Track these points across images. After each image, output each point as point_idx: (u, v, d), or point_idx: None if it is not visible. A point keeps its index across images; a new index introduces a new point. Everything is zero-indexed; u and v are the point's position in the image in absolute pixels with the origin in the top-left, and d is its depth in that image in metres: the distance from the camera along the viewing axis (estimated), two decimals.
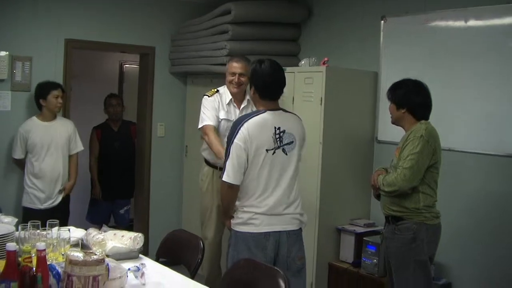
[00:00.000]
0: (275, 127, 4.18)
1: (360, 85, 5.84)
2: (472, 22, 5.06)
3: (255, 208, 4.15)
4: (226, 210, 4.36)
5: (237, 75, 5.28)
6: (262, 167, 4.12)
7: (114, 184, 7.31)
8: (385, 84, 5.72)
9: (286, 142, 4.20)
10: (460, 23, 5.16)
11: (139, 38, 6.98)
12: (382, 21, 5.81)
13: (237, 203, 4.23)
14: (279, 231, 4.21)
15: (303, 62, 5.93)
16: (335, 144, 5.60)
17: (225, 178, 4.12)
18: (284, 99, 5.33)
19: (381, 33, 5.83)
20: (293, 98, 5.75)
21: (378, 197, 4.52)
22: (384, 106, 5.74)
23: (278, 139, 4.15)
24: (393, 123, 4.51)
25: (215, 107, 5.37)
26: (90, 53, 8.10)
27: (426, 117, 4.33)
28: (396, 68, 5.69)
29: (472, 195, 5.04)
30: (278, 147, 4.16)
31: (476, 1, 5.03)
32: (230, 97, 5.40)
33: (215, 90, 5.47)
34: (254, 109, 5.13)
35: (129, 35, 6.89)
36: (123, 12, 6.81)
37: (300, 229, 4.39)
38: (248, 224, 4.17)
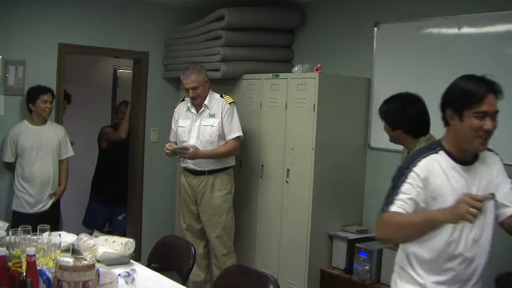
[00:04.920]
0: None
1: (353, 91, 5.84)
2: (465, 29, 5.07)
3: None
4: None
5: (190, 90, 5.54)
6: None
7: (114, 190, 7.35)
8: (378, 90, 5.74)
9: None
10: (453, 30, 5.17)
11: (133, 43, 6.97)
12: (376, 28, 5.82)
13: None
14: None
15: (296, 68, 5.93)
16: (328, 150, 5.60)
17: None
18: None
19: (374, 39, 5.83)
20: (286, 104, 5.75)
21: None
22: (377, 112, 5.76)
23: None
24: (391, 141, 4.36)
25: (175, 118, 5.96)
26: (84, 58, 8.09)
27: (424, 132, 4.13)
28: (389, 74, 5.70)
29: None
30: None
31: (468, 9, 5.03)
32: (188, 104, 5.82)
33: (182, 99, 6.01)
34: (212, 112, 5.67)
35: (123, 40, 6.87)
36: (117, 17, 6.79)
37: None
38: None
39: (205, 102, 5.72)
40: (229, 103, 5.77)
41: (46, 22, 6.30)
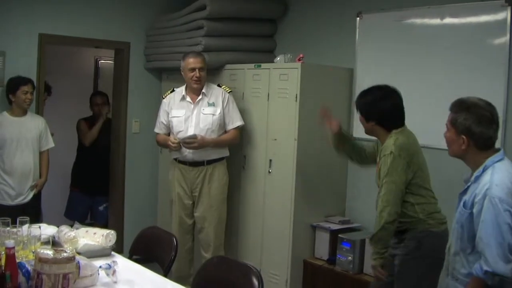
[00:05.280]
0: None
1: (335, 81, 5.83)
2: (447, 20, 5.07)
3: None
4: None
5: (197, 70, 5.47)
6: None
7: (95, 180, 7.31)
8: (361, 80, 5.74)
9: None
10: (435, 21, 5.16)
11: (114, 33, 6.92)
12: (358, 18, 5.80)
13: None
14: None
15: (278, 58, 5.90)
16: (310, 141, 5.58)
17: None
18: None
19: (357, 29, 5.82)
20: (268, 94, 5.73)
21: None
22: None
23: None
24: (366, 133, 4.36)
25: (165, 110, 5.80)
26: (65, 49, 8.02)
27: (398, 125, 4.15)
28: (371, 64, 5.70)
29: (449, 190, 5.05)
30: None
31: None
32: (183, 93, 5.71)
33: (171, 90, 5.90)
34: (211, 101, 5.60)
35: (104, 30, 6.82)
36: (98, 7, 6.74)
37: None
38: None
39: (203, 90, 5.68)
40: (228, 92, 5.78)
41: (26, 12, 6.23)
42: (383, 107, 4.13)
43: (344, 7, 5.98)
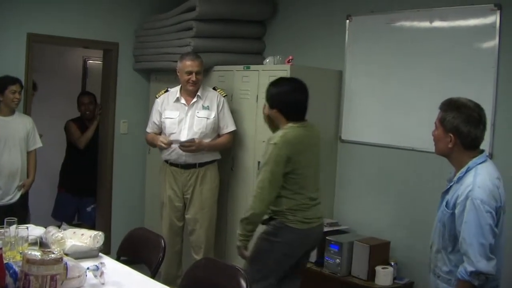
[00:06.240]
0: None
1: (324, 83, 5.83)
2: (436, 23, 5.08)
3: None
4: None
5: (194, 73, 5.42)
6: None
7: (83, 181, 7.29)
8: (350, 83, 5.75)
9: None
10: (425, 24, 5.18)
11: (103, 33, 6.90)
12: (348, 20, 5.81)
13: None
14: None
15: (267, 60, 5.90)
16: None
17: None
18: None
19: (346, 32, 5.83)
20: (257, 96, 5.72)
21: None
22: (349, 105, 5.77)
23: None
24: (265, 120, 4.60)
25: (158, 110, 5.73)
26: (53, 48, 7.99)
27: (296, 119, 4.38)
28: (360, 67, 5.71)
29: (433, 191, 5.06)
30: None
31: (440, 2, 5.05)
32: (178, 95, 5.66)
33: (165, 90, 5.83)
34: (206, 104, 5.58)
35: (93, 30, 6.80)
36: (87, 7, 6.72)
37: None
38: None
39: (198, 93, 5.65)
40: (224, 96, 5.78)
41: (14, 11, 6.20)
42: (288, 98, 4.39)
43: (333, 10, 5.98)
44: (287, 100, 4.38)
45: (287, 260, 4.37)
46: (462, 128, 3.26)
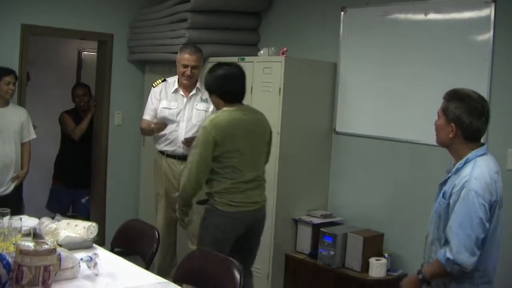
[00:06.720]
0: None
1: (319, 75, 5.83)
2: (431, 15, 5.08)
3: None
4: None
5: (189, 67, 5.37)
6: None
7: (77, 173, 7.27)
8: (345, 75, 5.75)
9: None
10: (419, 16, 5.18)
11: (98, 25, 6.89)
12: (342, 12, 5.81)
13: None
14: None
15: (262, 51, 5.91)
16: (293, 134, 5.59)
17: None
18: None
19: (341, 24, 5.82)
20: (252, 87, 5.71)
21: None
22: (343, 97, 5.77)
23: None
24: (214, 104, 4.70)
25: (157, 98, 5.61)
26: (47, 39, 7.96)
27: (231, 102, 4.46)
28: (355, 59, 5.71)
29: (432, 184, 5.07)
30: None
31: None
32: (176, 86, 5.57)
33: (162, 79, 5.70)
34: (204, 97, 5.45)
35: (88, 21, 6.78)
36: None
37: None
38: None
39: (197, 86, 5.56)
40: None
41: (8, 2, 6.19)
42: (223, 83, 4.48)
43: (328, 2, 5.98)
44: (223, 84, 4.46)
45: (222, 243, 4.42)
46: (464, 119, 3.24)
